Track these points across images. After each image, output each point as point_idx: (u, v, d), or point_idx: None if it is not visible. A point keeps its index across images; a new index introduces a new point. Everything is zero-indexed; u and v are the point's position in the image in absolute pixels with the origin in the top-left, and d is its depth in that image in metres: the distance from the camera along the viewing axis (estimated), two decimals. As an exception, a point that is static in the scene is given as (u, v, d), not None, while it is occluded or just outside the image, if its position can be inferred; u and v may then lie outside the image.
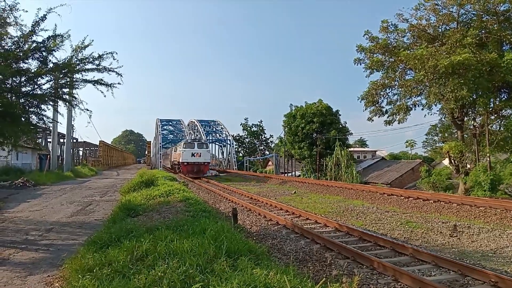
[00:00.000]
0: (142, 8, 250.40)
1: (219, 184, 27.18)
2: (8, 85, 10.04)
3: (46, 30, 10.29)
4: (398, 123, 29.34)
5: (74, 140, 45.86)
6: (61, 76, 10.97)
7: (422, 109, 28.35)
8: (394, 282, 6.16)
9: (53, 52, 10.48)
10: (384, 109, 30.15)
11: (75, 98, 12.09)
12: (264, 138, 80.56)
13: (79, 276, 4.88)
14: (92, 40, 11.11)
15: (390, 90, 29.64)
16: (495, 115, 24.95)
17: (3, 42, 10.03)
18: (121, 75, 11.52)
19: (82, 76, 11.44)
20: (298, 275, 5.06)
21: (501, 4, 22.51)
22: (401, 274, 6.22)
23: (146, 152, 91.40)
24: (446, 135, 36.26)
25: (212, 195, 20.10)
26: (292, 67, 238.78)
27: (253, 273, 4.64)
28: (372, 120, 30.81)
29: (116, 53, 11.20)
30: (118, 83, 11.69)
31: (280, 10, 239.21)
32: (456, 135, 28.70)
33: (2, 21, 9.87)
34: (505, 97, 24.54)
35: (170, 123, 71.31)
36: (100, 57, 11.22)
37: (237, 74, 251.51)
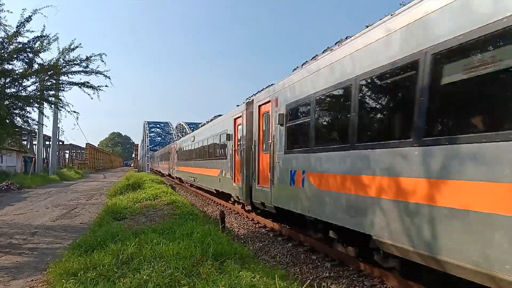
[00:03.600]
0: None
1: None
2: (-8, 87, 9.90)
3: (32, 31, 10.17)
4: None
5: (60, 143, 45.25)
6: (47, 78, 10.84)
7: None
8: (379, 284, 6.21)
9: (39, 53, 10.36)
10: None
11: (61, 100, 11.96)
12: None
13: (63, 280, 4.81)
14: (80, 44, 11.02)
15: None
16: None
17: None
18: (109, 78, 11.44)
19: (68, 78, 11.34)
20: (285, 277, 5.08)
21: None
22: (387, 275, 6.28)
23: (134, 155, 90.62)
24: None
25: (200, 197, 20.01)
26: (292, 66, 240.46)
27: (240, 275, 4.64)
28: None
29: (105, 55, 11.14)
30: (106, 86, 11.63)
31: (280, 10, 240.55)
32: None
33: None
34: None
35: (158, 125, 71.03)
36: (87, 59, 11.11)
37: (227, 75, 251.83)
